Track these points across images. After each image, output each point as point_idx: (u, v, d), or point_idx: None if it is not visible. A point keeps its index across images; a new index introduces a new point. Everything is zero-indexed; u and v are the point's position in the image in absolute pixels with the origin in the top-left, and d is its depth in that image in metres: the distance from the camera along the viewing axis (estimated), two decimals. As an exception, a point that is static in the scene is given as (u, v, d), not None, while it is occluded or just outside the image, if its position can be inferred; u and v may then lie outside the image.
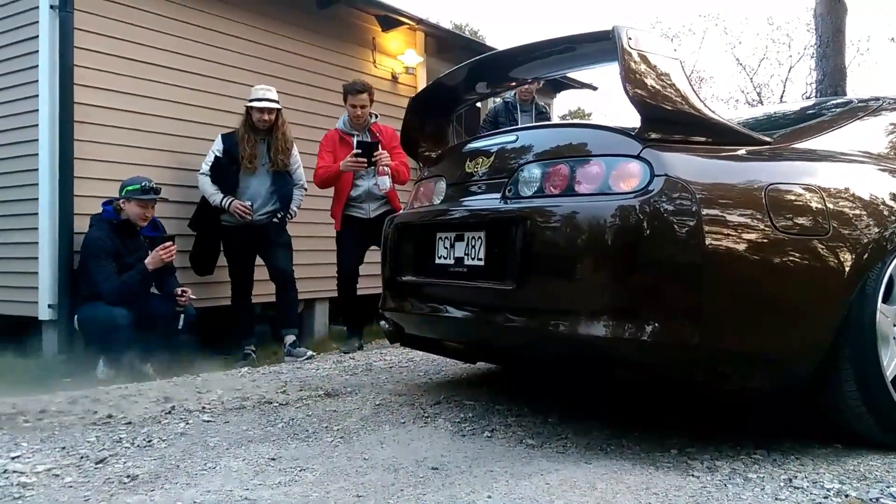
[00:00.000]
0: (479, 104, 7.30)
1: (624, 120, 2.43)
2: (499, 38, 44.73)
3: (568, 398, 2.91)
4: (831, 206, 2.15)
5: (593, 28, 2.39)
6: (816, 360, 2.11)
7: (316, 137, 4.83)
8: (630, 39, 2.13)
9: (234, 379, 3.57)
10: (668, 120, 2.16)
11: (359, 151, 4.41)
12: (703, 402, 2.66)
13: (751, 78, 22.32)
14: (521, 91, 5.59)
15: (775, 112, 3.25)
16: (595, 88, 9.55)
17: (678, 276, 2.00)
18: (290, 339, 4.53)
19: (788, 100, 19.68)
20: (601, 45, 2.36)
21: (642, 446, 2.20)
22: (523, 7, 48.33)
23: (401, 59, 6.64)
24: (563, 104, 28.62)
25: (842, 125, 2.54)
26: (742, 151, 2.23)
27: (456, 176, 2.77)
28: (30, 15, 4.41)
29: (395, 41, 6.60)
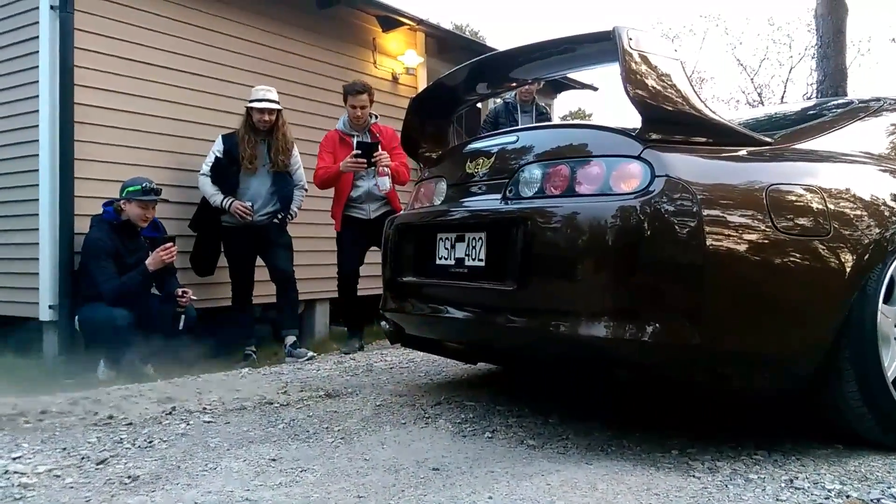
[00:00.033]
0: (480, 105, 7.30)
1: (624, 121, 2.42)
2: (499, 39, 44.74)
3: (569, 399, 2.91)
4: (832, 207, 2.15)
5: (594, 28, 2.39)
6: (817, 361, 2.11)
7: (316, 138, 4.82)
8: (631, 40, 2.13)
9: (235, 380, 3.57)
10: (669, 120, 2.17)
11: (359, 152, 4.41)
12: (704, 403, 2.66)
13: (751, 78, 22.32)
14: (522, 92, 5.59)
15: (776, 113, 3.26)
16: (596, 89, 9.55)
17: (679, 277, 2.00)
18: (291, 340, 4.53)
19: (789, 100, 19.67)
20: (602, 46, 2.36)
21: (643, 447, 2.21)
22: (524, 8, 48.37)
23: (401, 60, 6.64)
24: (564, 105, 28.65)
25: (843, 126, 2.54)
26: (743, 152, 2.23)
27: (456, 176, 2.77)
28: (30, 15, 4.41)
29: (396, 42, 6.60)
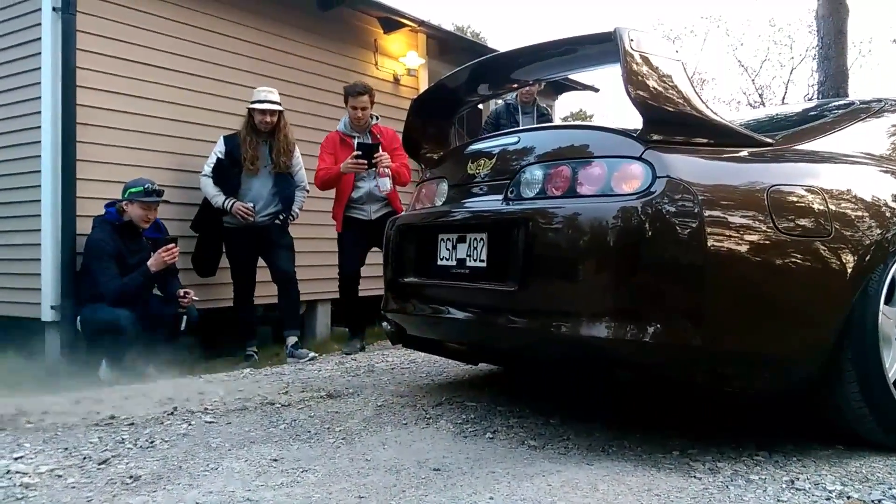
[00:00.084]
0: (481, 106, 7.30)
1: (626, 121, 2.43)
2: (500, 40, 44.72)
3: (570, 399, 2.91)
4: (833, 208, 2.15)
5: (595, 30, 2.40)
6: (818, 362, 2.11)
7: (318, 139, 4.83)
8: (632, 41, 2.13)
9: (237, 380, 3.58)
10: (670, 121, 2.17)
11: (359, 153, 4.41)
12: (705, 404, 2.66)
13: (753, 79, 22.37)
14: (523, 93, 5.59)
15: (777, 113, 3.25)
16: (597, 90, 9.56)
17: (680, 278, 2.00)
18: (292, 341, 4.53)
19: (790, 101, 19.67)
20: (603, 47, 2.36)
21: (644, 447, 2.21)
22: (525, 9, 48.39)
23: (402, 61, 6.64)
24: (565, 106, 28.66)
25: (844, 127, 2.54)
26: (744, 153, 2.23)
27: (458, 177, 2.77)
28: (32, 17, 4.41)
29: (397, 43, 6.60)
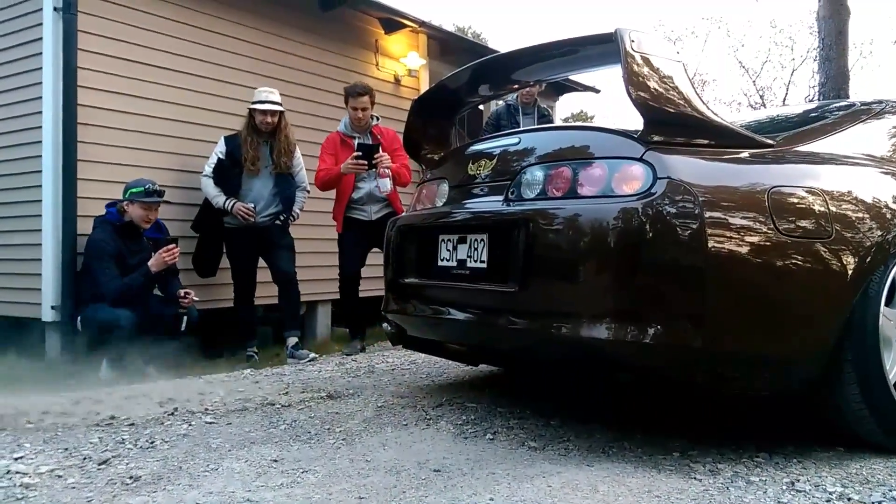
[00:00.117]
0: (482, 107, 7.31)
1: (626, 122, 2.43)
2: (501, 41, 44.82)
3: (570, 400, 2.91)
4: (834, 210, 2.15)
5: (596, 30, 2.40)
6: (819, 363, 2.11)
7: (318, 139, 4.83)
8: (633, 42, 2.13)
9: (237, 381, 3.57)
10: (671, 122, 2.17)
11: (359, 154, 4.42)
12: (705, 405, 2.66)
13: (753, 81, 22.35)
14: (523, 94, 5.59)
15: (778, 115, 3.25)
16: (598, 91, 9.55)
17: (680, 279, 2.00)
18: (293, 341, 4.53)
19: (791, 103, 19.66)
20: (604, 48, 2.36)
21: (644, 449, 2.20)
22: (526, 10, 48.41)
23: (403, 62, 6.65)
24: (566, 107, 28.66)
25: (845, 128, 2.54)
26: (745, 154, 2.23)
27: (458, 178, 2.77)
28: (33, 17, 4.42)
29: (398, 44, 6.61)
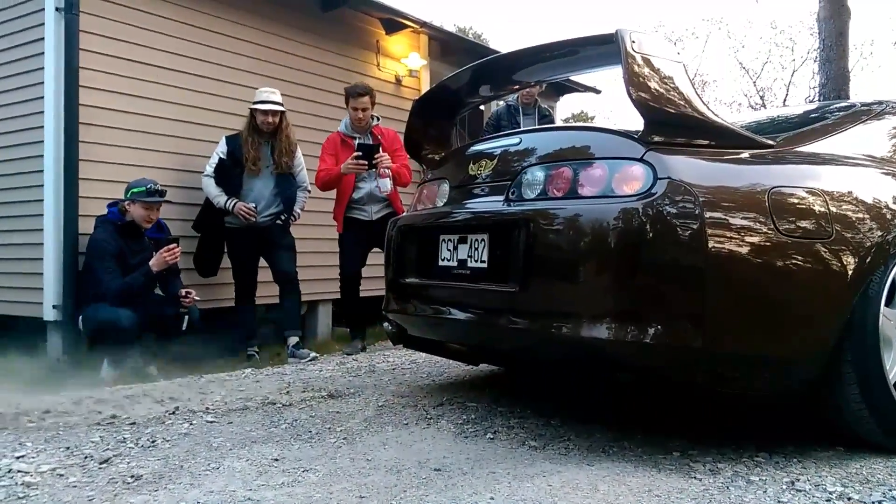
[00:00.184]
0: (483, 107, 7.31)
1: (627, 123, 2.43)
2: (502, 42, 44.80)
3: (570, 400, 2.91)
4: (834, 210, 2.15)
5: (596, 31, 2.40)
6: (819, 364, 2.11)
7: (319, 140, 4.84)
8: (633, 43, 2.14)
9: (238, 380, 3.58)
10: (671, 123, 2.17)
11: (359, 154, 4.42)
12: (705, 404, 2.66)
13: (754, 82, 22.34)
14: (524, 94, 5.59)
15: (778, 115, 3.26)
16: (598, 92, 9.55)
17: (681, 279, 2.01)
18: (294, 341, 4.54)
19: (791, 103, 19.66)
20: (604, 49, 2.37)
21: (644, 448, 2.21)
22: (527, 10, 48.40)
23: (404, 62, 6.65)
24: (566, 107, 28.68)
25: (845, 129, 2.55)
26: (745, 154, 2.24)
27: (459, 178, 2.77)
28: (35, 17, 4.42)
29: (399, 44, 6.61)
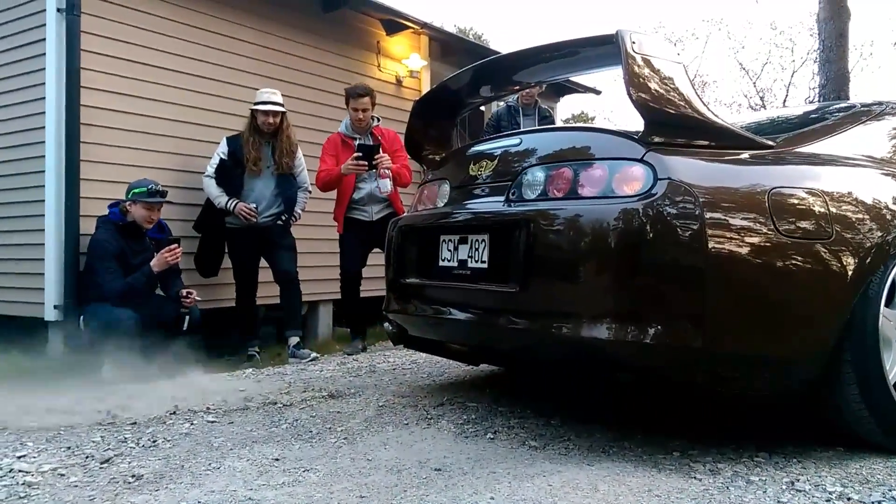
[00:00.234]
0: (483, 108, 7.31)
1: (627, 124, 2.44)
2: (503, 42, 44.83)
3: (570, 400, 2.91)
4: (834, 210, 2.16)
5: (597, 32, 2.41)
6: (819, 364, 2.11)
7: (320, 140, 4.84)
8: (633, 43, 2.14)
9: (239, 380, 3.59)
10: (672, 124, 2.17)
11: (359, 154, 4.43)
12: (705, 405, 2.66)
13: (754, 82, 22.31)
14: (524, 95, 5.59)
15: (778, 116, 3.26)
16: (598, 92, 9.55)
17: (681, 280, 2.01)
18: (294, 341, 4.54)
19: (791, 104, 19.65)
20: (605, 49, 2.37)
21: (644, 448, 2.21)
22: (527, 11, 48.41)
23: (405, 63, 6.65)
24: (567, 108, 28.67)
25: (845, 129, 2.55)
26: (745, 155, 2.24)
27: (460, 179, 2.78)
28: (37, 18, 4.43)
29: (400, 45, 6.62)
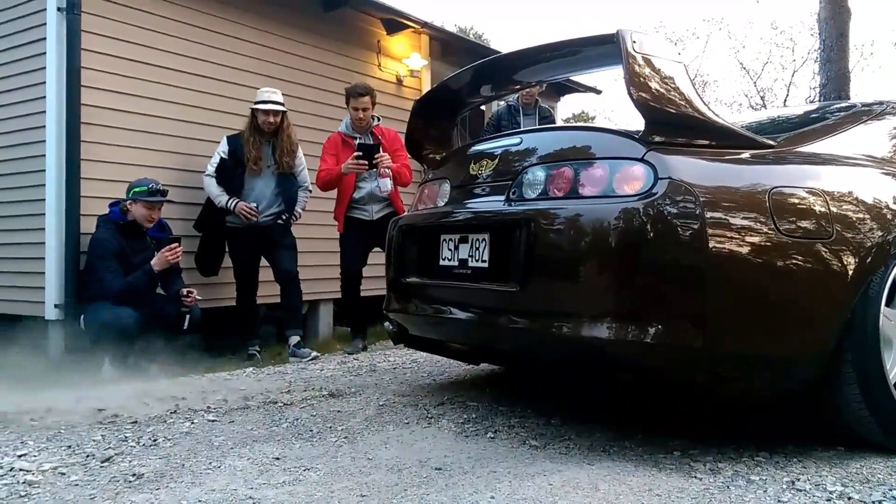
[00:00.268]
0: (483, 107, 7.31)
1: (628, 123, 2.44)
2: (503, 42, 44.81)
3: (571, 400, 2.91)
4: (835, 210, 2.16)
5: (597, 31, 2.41)
6: (819, 364, 2.11)
7: (320, 139, 4.84)
8: (634, 43, 2.14)
9: (239, 379, 3.59)
10: (672, 123, 2.17)
11: (360, 154, 4.43)
12: (705, 404, 2.67)
13: (754, 82, 22.33)
14: (524, 94, 5.60)
15: (779, 116, 3.26)
16: (599, 92, 9.55)
17: (681, 279, 2.01)
18: (295, 340, 4.54)
19: (792, 104, 19.64)
20: (605, 49, 2.37)
21: (645, 448, 2.21)
22: (528, 10, 48.37)
23: (406, 63, 6.65)
24: (567, 108, 28.64)
25: (845, 129, 2.55)
26: (746, 155, 2.24)
27: (460, 178, 2.78)
28: (37, 17, 4.42)
29: (400, 44, 6.62)
